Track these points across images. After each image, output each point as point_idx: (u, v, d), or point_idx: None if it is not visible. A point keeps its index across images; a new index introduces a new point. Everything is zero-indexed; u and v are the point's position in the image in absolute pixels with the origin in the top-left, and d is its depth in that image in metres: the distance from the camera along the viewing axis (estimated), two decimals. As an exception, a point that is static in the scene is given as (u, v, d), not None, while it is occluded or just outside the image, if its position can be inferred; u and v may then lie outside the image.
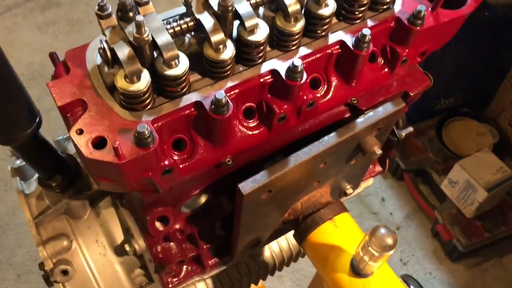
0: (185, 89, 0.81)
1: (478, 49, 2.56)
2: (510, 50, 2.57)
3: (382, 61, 0.99)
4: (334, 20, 0.94)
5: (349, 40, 0.89)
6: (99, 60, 0.80)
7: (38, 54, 3.04)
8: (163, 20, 0.79)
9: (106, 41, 0.75)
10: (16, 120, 0.81)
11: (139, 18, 0.71)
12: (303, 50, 0.88)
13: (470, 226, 2.44)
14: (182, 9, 0.85)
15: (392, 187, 2.69)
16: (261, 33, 0.82)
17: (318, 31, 0.90)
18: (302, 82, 0.83)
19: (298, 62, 0.81)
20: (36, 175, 0.97)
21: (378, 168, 1.33)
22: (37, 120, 0.84)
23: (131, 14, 0.76)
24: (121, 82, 0.74)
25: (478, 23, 2.71)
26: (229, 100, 0.78)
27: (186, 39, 0.86)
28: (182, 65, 0.77)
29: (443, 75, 2.42)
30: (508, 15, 2.47)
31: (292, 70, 0.82)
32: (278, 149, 0.96)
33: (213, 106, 0.78)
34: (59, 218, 0.95)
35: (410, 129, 1.25)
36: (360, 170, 1.17)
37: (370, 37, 0.87)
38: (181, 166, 0.83)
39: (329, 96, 0.95)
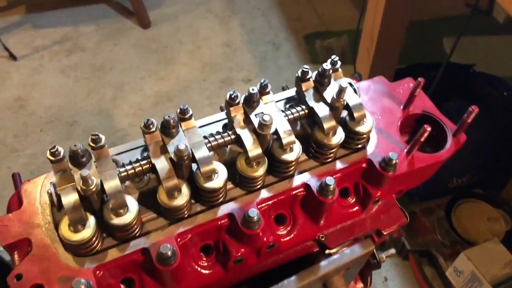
0: (134, 233, 0.79)
1: (495, 127, 2.48)
2: (529, 132, 2.48)
3: (354, 198, 0.95)
4: (303, 156, 0.91)
5: (314, 185, 0.86)
6: (51, 197, 0.80)
7: (58, 97, 3.12)
8: (121, 166, 0.78)
9: (54, 185, 0.75)
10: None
11: (85, 172, 0.70)
12: (265, 193, 0.86)
13: (476, 318, 2.31)
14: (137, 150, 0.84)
15: (397, 266, 2.60)
16: (219, 180, 0.80)
17: (283, 172, 0.87)
18: (258, 230, 0.80)
19: (253, 212, 0.79)
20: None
21: (360, 284, 1.27)
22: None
23: (83, 159, 0.75)
24: (64, 231, 0.73)
25: (496, 102, 2.63)
26: (176, 252, 0.76)
27: (145, 176, 0.85)
28: (130, 213, 0.76)
29: (457, 152, 2.34)
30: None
31: (247, 219, 0.79)
32: (236, 284, 0.92)
33: (158, 257, 0.75)
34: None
35: (392, 251, 1.20)
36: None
37: (335, 186, 0.83)
38: (126, 308, 0.81)
39: (294, 234, 0.91)
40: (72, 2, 3.72)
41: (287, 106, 0.95)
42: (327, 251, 0.96)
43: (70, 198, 0.73)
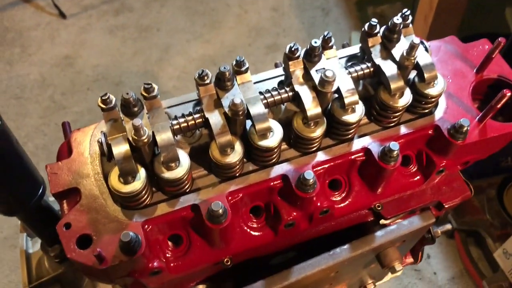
0: (185, 189, 0.76)
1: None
2: None
3: (416, 167, 0.89)
4: (364, 119, 0.85)
5: (376, 149, 0.80)
6: (101, 147, 0.77)
7: (105, 57, 3.13)
8: (172, 118, 0.74)
9: (105, 134, 0.72)
10: (18, 193, 0.79)
11: (137, 121, 0.67)
12: (321, 155, 0.80)
13: (523, 302, 2.21)
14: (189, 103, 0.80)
15: (441, 244, 2.51)
16: (274, 138, 0.75)
17: (342, 135, 0.81)
18: (313, 194, 0.76)
19: (309, 175, 0.74)
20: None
21: (410, 259, 1.21)
22: (39, 191, 0.83)
23: (135, 109, 0.72)
24: (114, 181, 0.71)
25: None
26: (227, 210, 0.72)
27: (197, 131, 0.81)
28: (182, 168, 0.72)
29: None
30: None
31: (302, 182, 0.74)
32: (285, 248, 0.89)
33: (208, 214, 0.72)
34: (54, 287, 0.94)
35: (448, 226, 1.13)
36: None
37: (398, 152, 0.77)
38: (172, 264, 0.79)
39: (349, 201, 0.86)
40: (121, -39, 3.69)
41: (349, 64, 0.88)
42: (381, 221, 0.90)
43: (121, 149, 0.70)
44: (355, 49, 0.88)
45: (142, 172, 0.71)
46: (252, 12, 3.39)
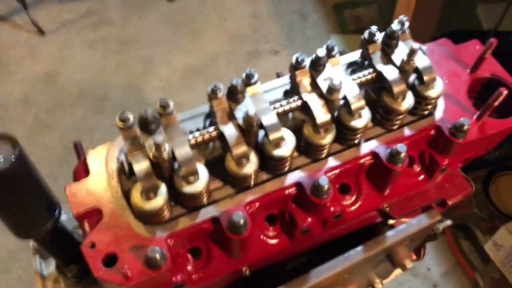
0: (203, 201, 0.77)
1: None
2: None
3: (420, 167, 0.92)
4: (370, 123, 0.88)
5: (383, 152, 0.83)
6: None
7: (87, 72, 3.11)
8: (187, 133, 0.76)
9: (124, 152, 0.73)
10: (34, 217, 0.80)
11: (159, 138, 0.68)
12: (332, 161, 0.83)
13: (515, 293, 2.28)
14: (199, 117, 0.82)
15: (432, 238, 2.58)
16: (287, 147, 0.78)
17: (350, 140, 0.84)
18: (328, 200, 0.78)
19: (324, 181, 0.76)
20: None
21: (413, 256, 1.25)
22: (55, 214, 0.83)
23: (153, 126, 0.73)
24: (136, 199, 0.72)
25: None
26: (247, 220, 0.74)
27: (211, 144, 0.83)
28: (201, 181, 0.74)
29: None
30: None
31: (317, 188, 0.77)
32: (300, 253, 0.91)
33: (229, 225, 0.74)
34: (72, 306, 0.95)
35: (448, 222, 1.17)
36: (391, 268, 1.10)
37: (406, 154, 0.80)
38: (194, 276, 0.80)
39: (358, 204, 0.89)
40: (97, -25, 3.68)
41: (349, 70, 0.91)
42: (389, 221, 0.94)
43: (141, 165, 0.71)
44: (354, 55, 0.91)
45: (163, 188, 0.73)
46: (231, 20, 3.42)
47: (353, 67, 0.92)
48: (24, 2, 3.09)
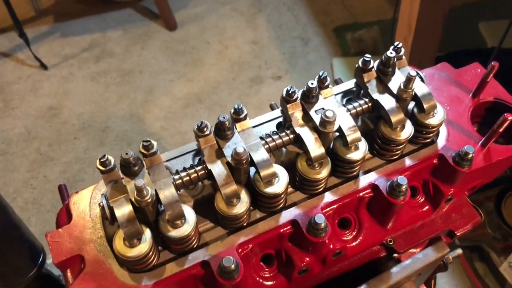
0: (192, 245, 0.73)
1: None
2: None
3: (424, 197, 0.87)
4: (367, 154, 0.83)
5: (383, 185, 0.78)
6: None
7: (89, 104, 3.11)
8: (174, 173, 0.72)
9: (106, 197, 0.69)
10: (18, 265, 0.76)
11: (139, 182, 0.64)
12: (329, 196, 0.78)
13: (533, 315, 2.18)
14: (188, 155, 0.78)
15: (445, 262, 2.49)
16: (280, 184, 0.73)
17: (348, 173, 0.80)
18: (326, 238, 0.73)
19: (320, 219, 0.72)
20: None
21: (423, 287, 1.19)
22: (39, 261, 0.79)
23: (135, 168, 0.69)
24: (119, 246, 0.68)
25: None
26: (239, 264, 0.69)
27: (200, 183, 0.79)
28: (188, 224, 0.69)
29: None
30: None
31: (313, 226, 0.72)
32: (300, 294, 0.85)
33: (220, 271, 0.69)
34: None
35: (459, 251, 1.11)
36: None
37: (407, 186, 0.76)
38: (186, 325, 0.75)
39: (360, 239, 0.84)
40: (98, 8, 3.72)
41: (345, 100, 0.87)
42: (395, 255, 0.88)
43: (124, 211, 0.67)
44: (349, 84, 0.88)
45: (147, 233, 0.69)
46: (232, 47, 3.42)
47: (349, 96, 0.88)
48: (26, 38, 3.11)
